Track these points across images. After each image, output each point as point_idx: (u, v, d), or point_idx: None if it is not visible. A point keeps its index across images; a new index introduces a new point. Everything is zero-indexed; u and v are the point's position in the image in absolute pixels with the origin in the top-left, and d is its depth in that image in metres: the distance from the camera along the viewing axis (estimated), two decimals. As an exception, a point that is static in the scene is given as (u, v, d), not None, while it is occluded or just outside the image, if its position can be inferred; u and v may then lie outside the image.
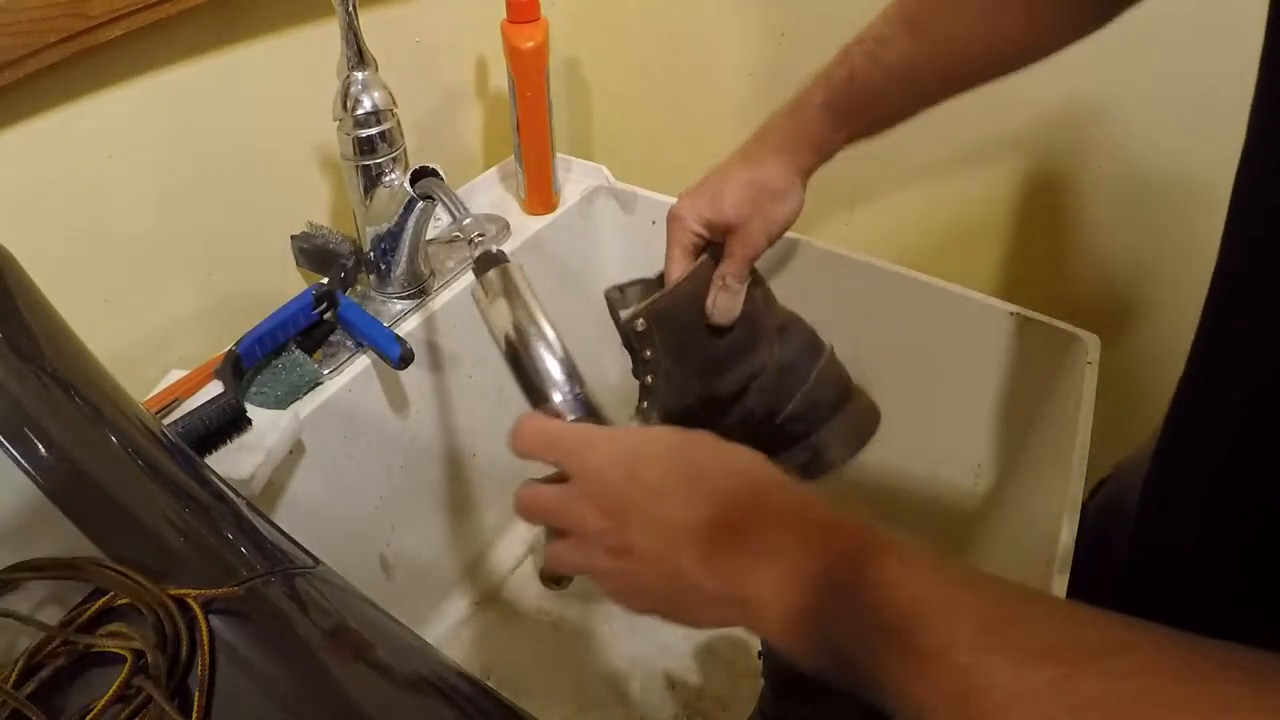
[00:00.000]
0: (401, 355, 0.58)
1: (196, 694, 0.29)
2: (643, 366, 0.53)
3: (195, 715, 0.29)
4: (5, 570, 0.33)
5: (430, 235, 0.73)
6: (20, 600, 0.32)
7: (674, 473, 0.35)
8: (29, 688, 0.29)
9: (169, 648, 0.30)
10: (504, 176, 0.85)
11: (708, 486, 0.34)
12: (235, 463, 0.53)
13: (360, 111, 0.58)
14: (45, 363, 0.39)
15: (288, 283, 0.70)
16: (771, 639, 0.31)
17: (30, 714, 0.28)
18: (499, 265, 0.46)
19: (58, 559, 0.33)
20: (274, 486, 0.56)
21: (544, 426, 0.41)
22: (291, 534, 0.38)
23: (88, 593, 0.32)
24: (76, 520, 0.35)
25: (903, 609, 0.27)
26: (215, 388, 0.57)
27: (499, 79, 0.83)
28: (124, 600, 0.32)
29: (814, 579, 0.30)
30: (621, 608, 0.36)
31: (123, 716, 0.28)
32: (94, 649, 0.30)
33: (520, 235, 0.77)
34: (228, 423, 0.53)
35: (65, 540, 0.34)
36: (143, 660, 0.30)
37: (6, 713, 0.28)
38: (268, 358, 0.60)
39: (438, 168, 0.59)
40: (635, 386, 0.55)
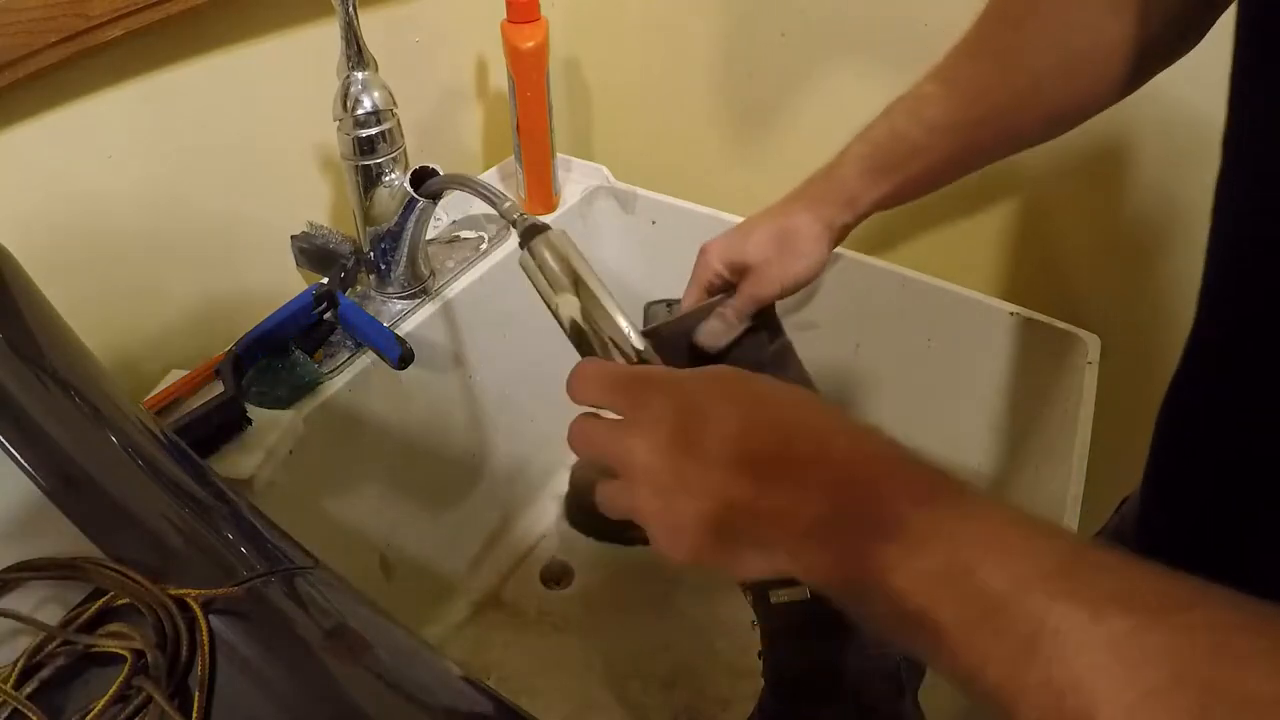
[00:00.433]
0: (401, 355, 0.58)
1: (196, 694, 0.29)
2: None
3: (195, 715, 0.29)
4: (5, 570, 0.33)
5: (430, 235, 0.73)
6: (20, 600, 0.32)
7: (729, 405, 0.34)
8: (29, 688, 0.29)
9: (169, 648, 0.30)
10: (504, 176, 0.85)
11: (767, 421, 0.33)
12: (235, 463, 0.53)
13: (360, 111, 0.58)
14: (45, 363, 0.39)
15: (288, 283, 0.70)
16: (823, 588, 0.30)
17: (30, 714, 0.28)
18: (546, 233, 0.46)
19: (58, 559, 0.33)
20: (274, 486, 0.56)
21: (602, 367, 0.39)
22: (291, 534, 0.38)
23: (88, 593, 0.32)
24: (76, 520, 0.35)
25: (970, 548, 0.26)
26: (215, 388, 0.57)
27: (499, 79, 0.83)
28: (124, 600, 0.32)
29: (872, 522, 0.29)
30: (665, 554, 0.34)
31: (123, 716, 0.28)
32: (94, 649, 0.30)
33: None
34: (228, 423, 0.53)
35: (65, 540, 0.34)
36: (143, 660, 0.30)
37: (6, 713, 0.28)
38: (268, 358, 0.60)
39: (438, 168, 0.59)
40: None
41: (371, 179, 0.61)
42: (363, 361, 0.63)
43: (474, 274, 0.72)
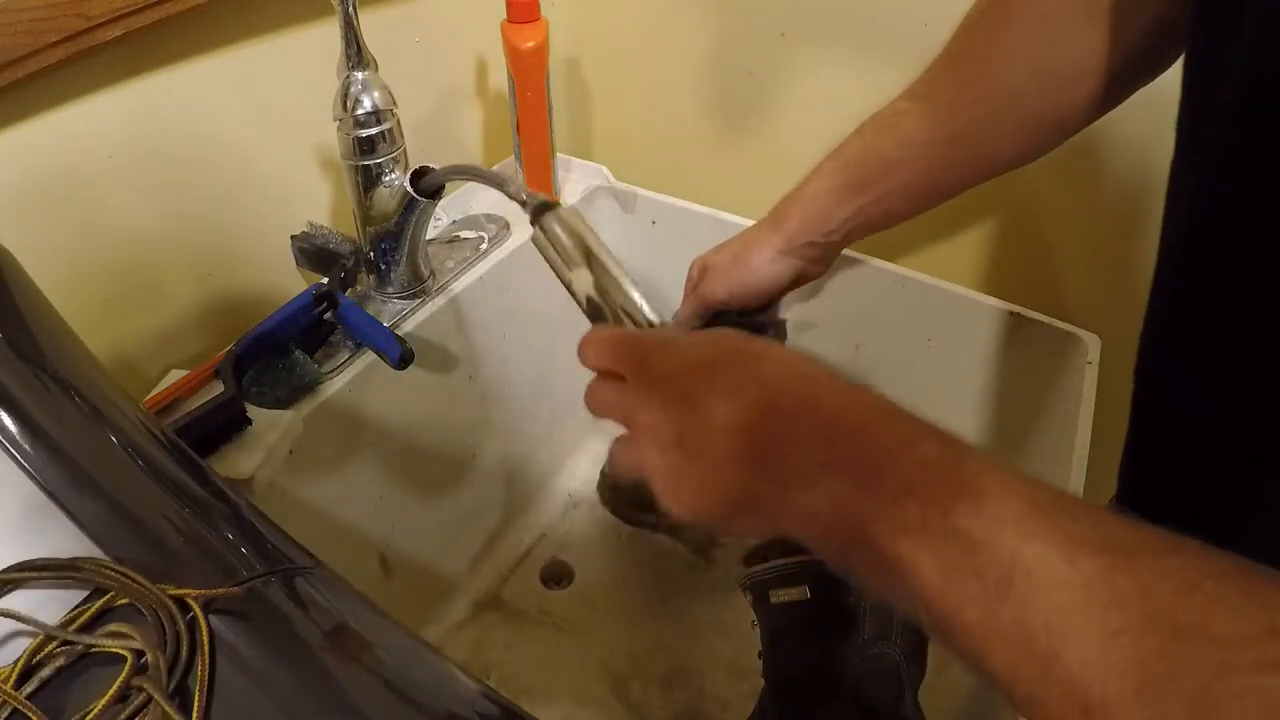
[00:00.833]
0: (401, 355, 0.58)
1: (196, 694, 0.29)
2: None
3: (195, 715, 0.29)
4: (5, 570, 0.33)
5: (430, 235, 0.73)
6: (20, 600, 0.32)
7: (731, 364, 0.34)
8: (29, 688, 0.29)
9: (169, 648, 0.30)
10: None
11: (769, 382, 0.33)
12: (235, 463, 0.53)
13: (360, 111, 0.58)
14: (45, 363, 0.39)
15: (288, 283, 0.70)
16: (809, 542, 0.30)
17: (30, 714, 0.28)
18: (556, 210, 0.46)
19: (58, 559, 0.33)
20: (274, 486, 0.56)
21: (613, 332, 0.39)
22: (291, 534, 0.38)
23: (88, 593, 0.33)
24: (76, 520, 0.35)
25: (948, 493, 0.26)
26: (215, 388, 0.57)
27: (499, 79, 0.83)
28: (124, 600, 0.32)
29: (855, 472, 0.29)
30: (670, 512, 0.35)
31: (123, 716, 0.28)
32: (94, 649, 0.30)
33: (520, 235, 0.77)
34: (228, 423, 0.53)
35: (65, 540, 0.34)
36: (143, 660, 0.30)
37: (6, 713, 0.28)
38: (268, 358, 0.60)
39: (438, 168, 0.59)
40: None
41: (371, 179, 0.61)
42: (363, 361, 0.63)
43: (474, 274, 0.72)
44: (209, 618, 0.32)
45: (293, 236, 0.68)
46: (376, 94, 0.58)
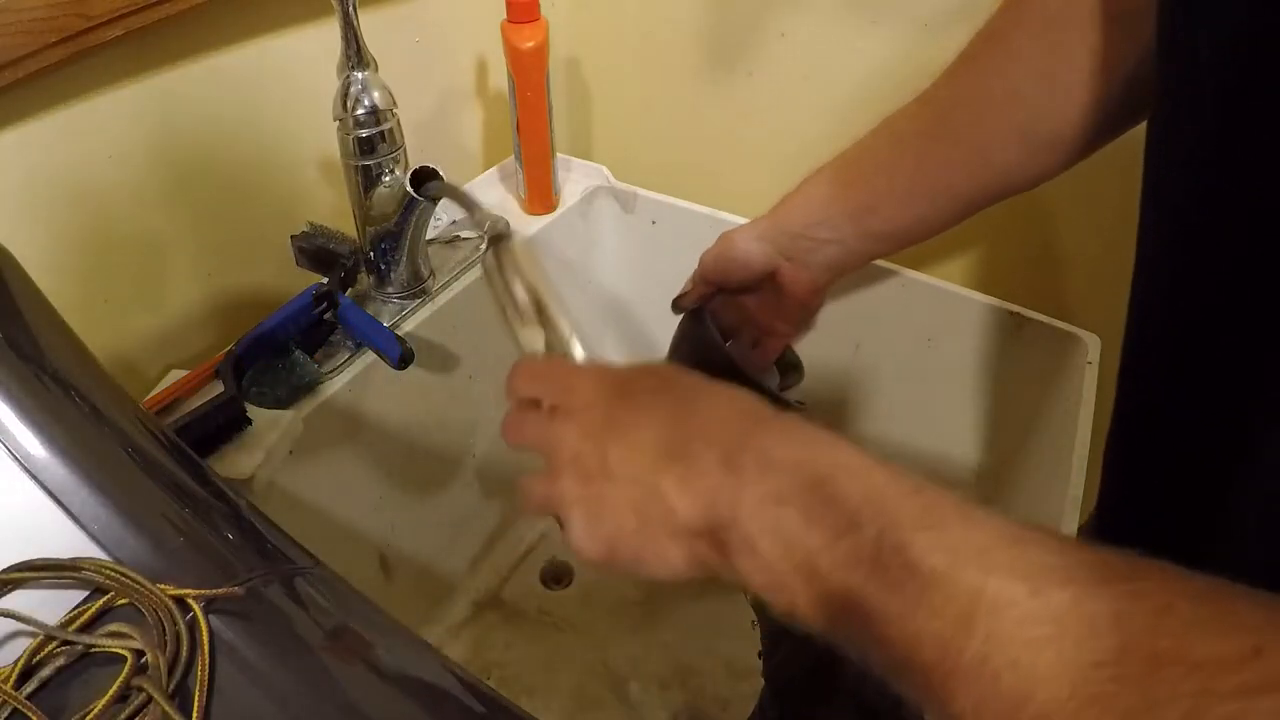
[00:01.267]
0: (402, 355, 0.58)
1: (196, 694, 0.29)
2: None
3: (195, 715, 0.29)
4: (5, 570, 0.33)
5: (430, 235, 0.73)
6: (20, 600, 0.32)
7: (664, 394, 0.33)
8: (29, 688, 0.29)
9: (169, 648, 0.30)
10: (504, 176, 0.85)
11: (698, 408, 0.32)
12: (235, 463, 0.53)
13: (360, 111, 0.58)
14: (45, 363, 0.39)
15: (288, 283, 0.70)
16: (746, 575, 0.29)
17: (30, 714, 0.28)
18: (508, 239, 0.47)
19: (58, 559, 0.33)
20: (274, 486, 0.56)
21: (536, 364, 0.39)
22: (291, 534, 0.38)
23: (88, 593, 0.33)
24: (76, 520, 0.35)
25: (901, 526, 0.25)
26: (215, 388, 0.57)
27: (499, 79, 0.83)
28: (124, 600, 0.32)
29: (801, 503, 0.27)
30: (583, 550, 0.33)
31: (123, 717, 0.28)
32: (94, 649, 0.30)
33: (521, 235, 0.77)
34: (228, 423, 0.53)
35: (65, 540, 0.34)
36: (143, 660, 0.30)
37: (6, 713, 0.28)
38: (268, 358, 0.60)
39: (438, 168, 0.59)
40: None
41: (371, 179, 0.61)
42: (363, 361, 0.63)
43: (474, 274, 0.72)
44: (209, 618, 0.32)
45: (293, 236, 0.68)
46: (376, 94, 0.58)
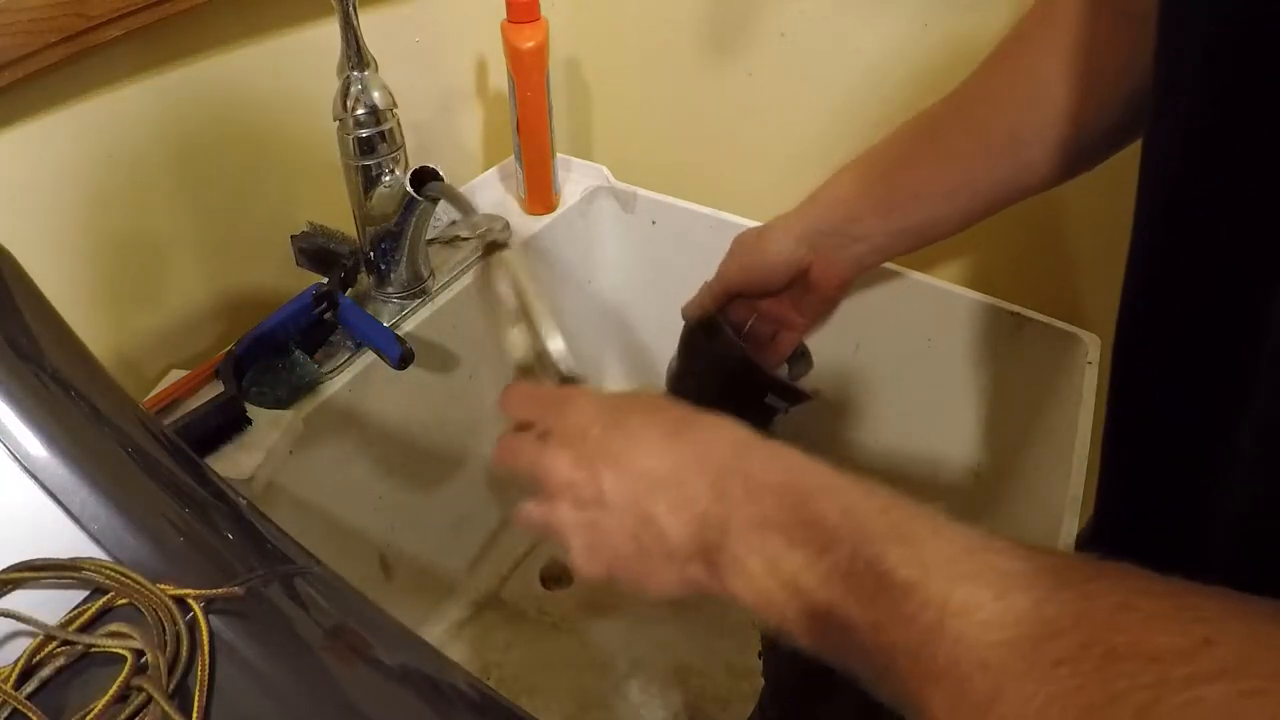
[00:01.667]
0: (402, 355, 0.58)
1: (196, 694, 0.29)
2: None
3: (195, 715, 0.29)
4: (5, 570, 0.33)
5: (430, 235, 0.73)
6: (20, 600, 0.32)
7: (654, 423, 0.34)
8: (29, 688, 0.29)
9: (169, 648, 0.30)
10: (504, 176, 0.85)
11: (687, 437, 0.33)
12: (235, 463, 0.53)
13: (360, 111, 0.58)
14: (45, 363, 0.39)
15: (288, 283, 0.70)
16: (737, 595, 0.30)
17: (30, 714, 0.28)
18: (501, 250, 0.47)
19: (58, 559, 0.33)
20: (274, 486, 0.56)
21: (527, 388, 0.41)
22: (291, 534, 0.38)
23: (88, 593, 0.33)
24: (76, 520, 0.35)
25: (874, 541, 0.26)
26: (215, 388, 0.57)
27: (499, 79, 0.83)
28: (124, 600, 0.32)
29: (784, 525, 0.29)
30: (582, 572, 0.35)
31: (123, 717, 0.28)
32: (94, 649, 0.30)
33: (520, 235, 0.77)
34: (228, 423, 0.53)
35: (65, 540, 0.34)
36: (143, 660, 0.30)
37: (6, 713, 0.28)
38: (268, 358, 0.60)
39: (438, 168, 0.59)
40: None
41: (371, 179, 0.61)
42: (363, 361, 0.63)
43: (474, 274, 0.72)
44: (209, 618, 0.32)
45: (293, 236, 0.68)
46: (376, 94, 0.58)
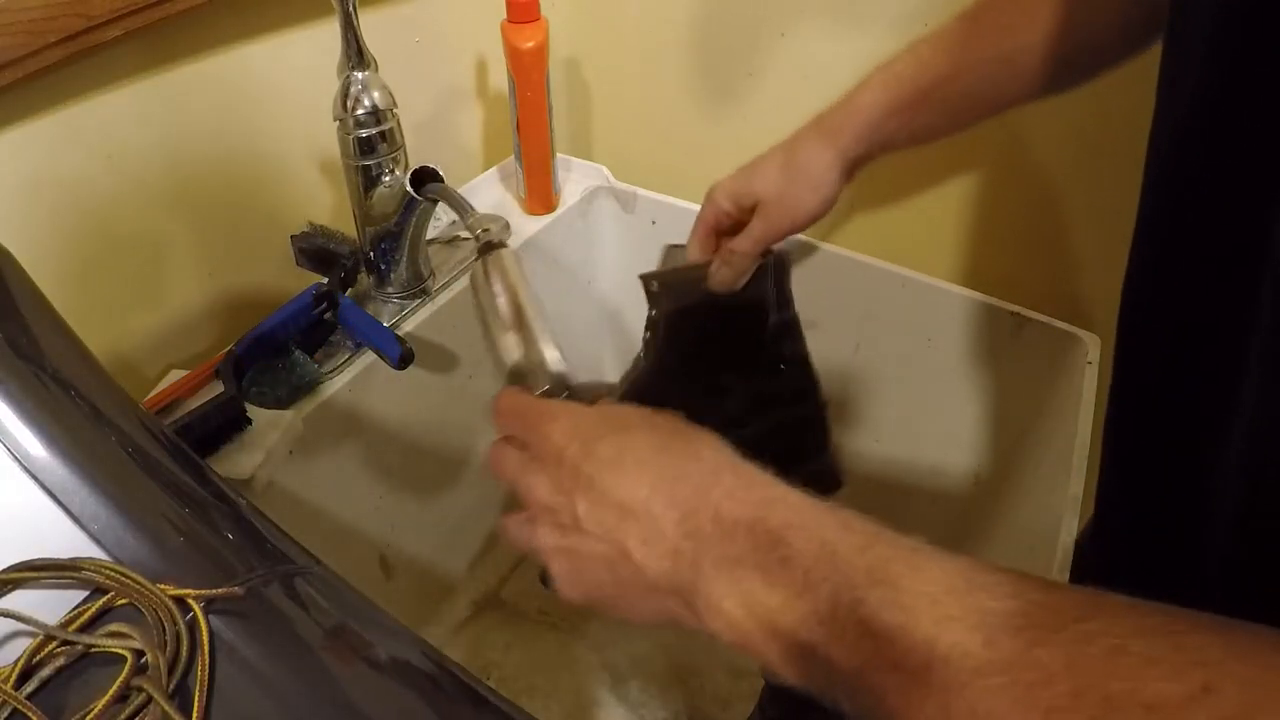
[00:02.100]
0: (402, 355, 0.58)
1: (196, 694, 0.29)
2: (647, 322, 0.53)
3: (195, 715, 0.29)
4: (5, 570, 0.33)
5: (430, 235, 0.73)
6: (20, 600, 0.32)
7: (632, 446, 0.33)
8: (29, 688, 0.29)
9: (169, 648, 0.30)
10: (504, 176, 0.85)
11: (659, 463, 0.32)
12: (235, 463, 0.53)
13: (360, 111, 0.58)
14: (45, 363, 0.39)
15: (288, 283, 0.70)
16: (717, 634, 0.30)
17: (30, 714, 0.28)
18: (496, 250, 0.47)
19: (58, 559, 0.33)
20: (274, 486, 0.56)
21: (514, 399, 0.40)
22: (291, 534, 0.38)
23: (88, 593, 0.33)
24: (76, 520, 0.35)
25: (856, 584, 0.25)
26: (215, 388, 0.57)
27: (499, 79, 0.83)
28: (124, 600, 0.32)
29: (758, 564, 0.28)
30: (566, 595, 0.34)
31: (123, 717, 0.28)
32: (94, 649, 0.30)
33: (520, 235, 0.77)
34: (228, 423, 0.53)
35: (65, 540, 0.34)
36: (143, 660, 0.30)
37: (6, 713, 0.28)
38: (268, 358, 0.60)
39: (438, 168, 0.59)
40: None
41: (371, 179, 0.61)
42: (363, 361, 0.63)
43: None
44: (209, 618, 0.32)
45: (293, 236, 0.68)
46: (376, 94, 0.58)
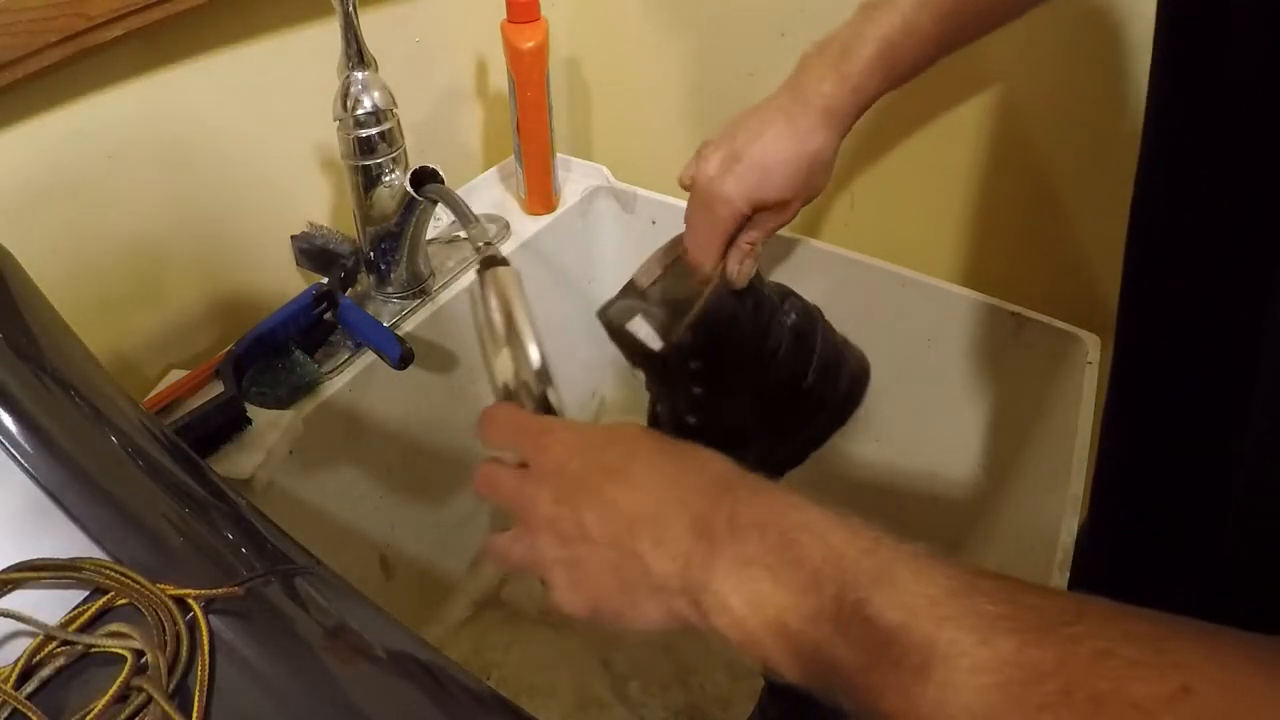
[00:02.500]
0: (401, 355, 0.58)
1: (196, 694, 0.29)
2: (689, 379, 0.52)
3: (195, 715, 0.29)
4: (5, 570, 0.33)
5: (430, 235, 0.73)
6: (20, 600, 0.32)
7: (635, 457, 0.34)
8: (29, 688, 0.29)
9: (169, 648, 0.30)
10: (504, 176, 0.85)
11: (668, 471, 0.33)
12: (235, 463, 0.53)
13: (360, 111, 0.58)
14: (45, 363, 0.39)
15: (288, 283, 0.70)
16: (722, 632, 0.30)
17: (30, 714, 0.28)
18: (495, 267, 0.47)
19: (58, 559, 0.33)
20: (274, 486, 0.56)
21: (510, 414, 0.40)
22: (291, 534, 0.38)
23: (88, 593, 0.32)
24: (76, 520, 0.35)
25: (860, 585, 0.27)
26: (215, 388, 0.57)
27: (499, 79, 0.83)
28: (124, 600, 0.32)
29: (768, 564, 0.29)
30: (564, 607, 0.35)
31: (123, 717, 0.28)
32: (94, 649, 0.30)
33: (520, 235, 0.77)
34: (228, 423, 0.53)
35: (65, 540, 0.34)
36: (143, 660, 0.30)
37: (6, 713, 0.28)
38: (268, 358, 0.60)
39: (438, 168, 0.59)
40: (631, 389, 0.55)
41: (371, 179, 0.61)
42: (363, 361, 0.63)
43: (474, 274, 0.72)
44: (209, 618, 0.32)
45: (293, 236, 0.68)
46: (376, 94, 0.58)
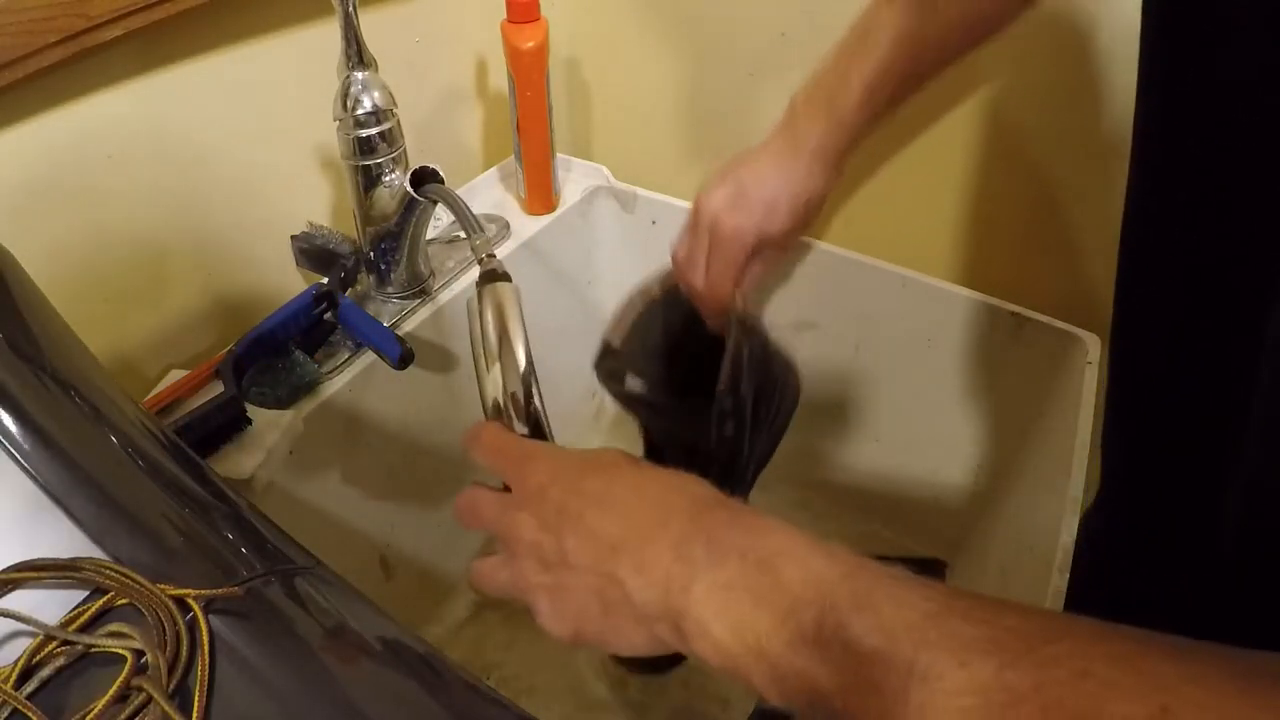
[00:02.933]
0: (402, 355, 0.58)
1: (196, 694, 0.29)
2: (720, 421, 0.51)
3: (195, 715, 0.29)
4: (5, 570, 0.33)
5: (430, 235, 0.73)
6: (20, 600, 0.32)
7: (615, 483, 0.35)
8: (29, 688, 0.29)
9: (169, 648, 0.30)
10: (504, 176, 0.85)
11: (648, 496, 0.34)
12: (235, 463, 0.53)
13: (360, 111, 0.58)
14: (45, 363, 0.39)
15: (288, 283, 0.70)
16: (704, 657, 0.31)
17: (30, 714, 0.28)
18: (495, 282, 0.47)
19: (58, 559, 0.33)
20: (274, 486, 0.56)
21: (494, 436, 0.41)
22: (291, 534, 0.38)
23: (88, 593, 0.33)
24: (76, 520, 0.35)
25: (840, 608, 0.27)
26: (215, 388, 0.57)
27: (499, 79, 0.83)
28: (124, 600, 0.32)
29: (748, 588, 0.29)
30: (551, 631, 0.35)
31: (123, 717, 0.28)
32: (94, 649, 0.30)
33: (520, 235, 0.77)
34: (228, 423, 0.53)
35: (65, 540, 0.34)
36: (143, 660, 0.30)
37: (6, 713, 0.28)
38: (268, 358, 0.60)
39: (438, 168, 0.59)
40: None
41: (371, 179, 0.61)
42: (363, 361, 0.63)
43: (474, 274, 0.72)
44: (209, 618, 0.32)
45: (293, 236, 0.68)
46: (376, 94, 0.58)
